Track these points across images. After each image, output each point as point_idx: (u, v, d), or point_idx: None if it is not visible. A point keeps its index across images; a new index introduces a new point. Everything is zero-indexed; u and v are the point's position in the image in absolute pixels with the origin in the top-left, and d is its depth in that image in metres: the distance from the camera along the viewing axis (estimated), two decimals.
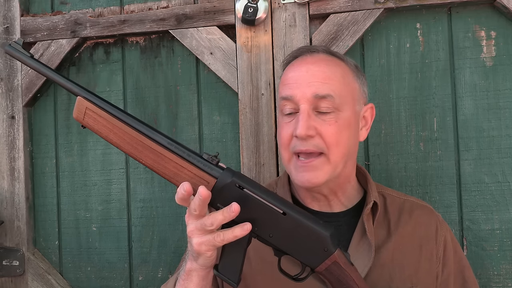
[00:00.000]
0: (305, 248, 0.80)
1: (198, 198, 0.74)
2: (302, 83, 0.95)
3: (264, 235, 0.79)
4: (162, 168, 0.80)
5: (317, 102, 0.93)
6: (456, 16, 1.32)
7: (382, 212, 1.03)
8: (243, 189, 0.78)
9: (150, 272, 1.45)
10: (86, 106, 0.82)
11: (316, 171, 0.93)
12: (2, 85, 1.48)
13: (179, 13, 1.39)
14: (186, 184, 0.75)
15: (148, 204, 1.46)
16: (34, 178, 1.52)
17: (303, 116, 0.92)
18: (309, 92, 0.93)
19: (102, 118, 0.82)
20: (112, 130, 0.81)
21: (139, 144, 0.80)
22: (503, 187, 1.28)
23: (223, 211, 0.75)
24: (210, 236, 0.77)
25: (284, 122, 0.97)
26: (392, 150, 1.33)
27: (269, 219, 0.78)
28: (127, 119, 0.81)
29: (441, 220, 1.07)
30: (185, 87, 1.45)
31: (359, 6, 1.29)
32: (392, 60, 1.34)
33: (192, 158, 0.79)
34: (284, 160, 0.98)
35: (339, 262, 0.81)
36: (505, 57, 1.29)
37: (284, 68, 1.05)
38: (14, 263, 1.45)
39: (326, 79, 0.95)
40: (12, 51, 0.88)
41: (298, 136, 0.92)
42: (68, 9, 1.50)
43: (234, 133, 1.41)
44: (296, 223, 0.79)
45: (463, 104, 1.31)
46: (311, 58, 1.00)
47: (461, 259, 1.06)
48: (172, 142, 0.80)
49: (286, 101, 0.96)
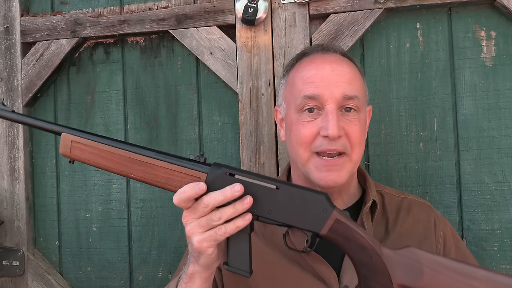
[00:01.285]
0: (305, 215, 0.81)
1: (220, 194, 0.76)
2: (330, 82, 0.93)
3: (264, 213, 0.81)
4: (153, 177, 0.84)
5: (344, 102, 0.93)
6: (456, 16, 1.32)
7: (381, 210, 1.03)
8: (234, 175, 0.81)
9: (150, 272, 1.45)
10: (71, 139, 0.87)
11: (340, 171, 0.93)
12: (2, 85, 1.48)
13: (179, 13, 1.39)
14: (202, 184, 0.78)
15: (148, 204, 1.46)
16: (34, 178, 1.52)
17: (333, 116, 0.91)
18: (338, 92, 0.92)
19: (88, 146, 0.86)
20: (99, 154, 0.86)
21: (128, 160, 0.85)
22: (503, 187, 1.28)
23: (234, 204, 0.77)
24: (212, 231, 0.77)
25: (305, 121, 0.95)
26: (392, 150, 1.33)
27: (265, 197, 0.81)
28: (111, 142, 0.86)
29: (440, 216, 1.07)
30: (185, 87, 1.45)
31: (359, 6, 1.29)
32: (392, 60, 1.34)
33: (180, 161, 0.83)
34: (302, 159, 0.96)
35: (340, 219, 0.81)
36: (505, 57, 1.29)
37: (294, 65, 1.03)
38: (14, 263, 1.45)
39: (351, 79, 0.95)
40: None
41: (329, 136, 0.90)
42: (68, 9, 1.50)
43: (234, 133, 1.41)
44: (291, 194, 0.81)
45: (463, 104, 1.31)
46: (331, 57, 0.99)
47: (464, 254, 1.06)
48: (158, 153, 0.84)
49: (310, 99, 0.94)
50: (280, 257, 0.98)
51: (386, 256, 0.81)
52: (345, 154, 0.93)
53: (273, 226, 0.83)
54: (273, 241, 1.00)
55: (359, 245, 0.81)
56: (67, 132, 0.87)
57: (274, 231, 1.00)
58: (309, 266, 0.96)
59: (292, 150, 0.99)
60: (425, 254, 0.81)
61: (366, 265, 0.81)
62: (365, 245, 0.81)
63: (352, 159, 0.94)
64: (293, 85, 0.99)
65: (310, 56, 1.01)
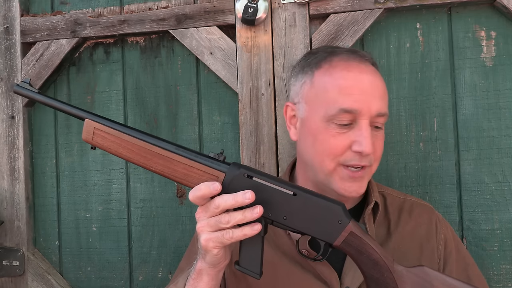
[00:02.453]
0: (320, 224, 0.81)
1: (231, 198, 0.76)
2: (368, 96, 0.91)
3: (278, 219, 0.81)
4: (172, 172, 0.84)
5: (376, 119, 0.93)
6: (456, 16, 1.32)
7: (382, 211, 1.03)
8: (252, 178, 0.80)
9: (150, 272, 1.45)
10: (94, 127, 0.87)
11: (362, 182, 0.94)
12: (2, 85, 1.48)
13: (179, 13, 1.39)
14: (217, 184, 0.78)
15: (148, 204, 1.46)
16: (34, 178, 1.52)
17: (368, 133, 0.90)
18: (374, 109, 0.91)
19: (110, 134, 0.86)
20: (120, 144, 0.86)
21: (148, 152, 0.84)
22: (503, 187, 1.28)
23: (244, 211, 0.76)
24: (219, 233, 0.77)
25: (336, 131, 0.92)
26: (392, 150, 1.33)
27: (281, 202, 0.81)
28: (133, 132, 0.86)
29: (441, 219, 1.07)
30: (185, 87, 1.45)
31: (359, 6, 1.29)
32: (392, 60, 1.34)
33: (199, 158, 0.83)
34: (326, 169, 0.93)
35: (355, 232, 0.81)
36: (505, 57, 1.29)
37: (320, 64, 0.97)
38: (14, 263, 1.45)
39: (384, 95, 0.95)
40: (21, 90, 0.93)
41: (363, 153, 0.89)
42: (68, 9, 1.50)
43: (234, 133, 1.41)
44: (307, 201, 0.81)
45: (463, 104, 1.31)
46: (367, 68, 0.95)
47: (464, 257, 1.05)
48: (179, 147, 0.84)
49: (347, 113, 0.90)
50: (281, 258, 0.98)
51: (397, 273, 0.80)
52: (368, 167, 0.94)
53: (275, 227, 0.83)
54: (275, 241, 1.00)
55: (371, 260, 0.81)
56: (90, 118, 0.87)
57: (276, 232, 1.00)
58: (311, 267, 0.96)
59: (314, 157, 0.95)
60: (437, 275, 0.81)
61: (377, 280, 0.81)
62: (377, 260, 0.80)
63: (372, 170, 0.96)
64: (325, 91, 0.94)
65: (344, 61, 0.95)
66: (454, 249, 1.04)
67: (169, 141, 0.85)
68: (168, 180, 1.44)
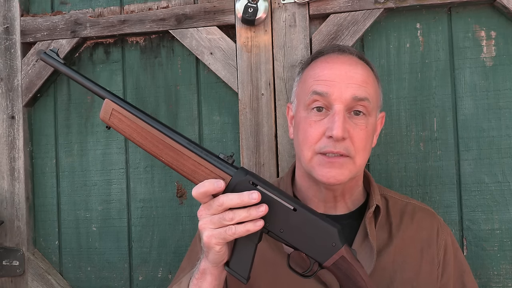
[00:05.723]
0: (314, 243, 0.82)
1: (236, 197, 0.77)
2: (340, 82, 0.93)
3: (275, 230, 0.82)
4: (181, 166, 0.85)
5: (353, 104, 0.93)
6: (456, 16, 1.32)
7: (384, 214, 1.03)
8: (256, 186, 0.81)
9: (150, 272, 1.45)
10: (113, 108, 0.88)
11: (342, 169, 0.92)
12: (2, 85, 1.48)
13: (179, 13, 1.39)
14: (221, 182, 0.79)
15: (148, 204, 1.46)
16: (34, 178, 1.52)
17: (340, 117, 0.91)
18: (347, 93, 0.92)
19: (126, 118, 0.87)
20: (135, 129, 0.87)
21: (161, 142, 0.85)
22: (503, 187, 1.28)
23: (249, 209, 0.77)
24: (222, 229, 0.78)
25: (312, 120, 0.94)
26: (392, 150, 1.33)
27: (280, 215, 0.82)
28: (149, 120, 0.87)
29: (443, 224, 1.07)
30: (185, 87, 1.45)
31: (359, 6, 1.29)
32: (392, 60, 1.34)
33: (209, 157, 0.84)
34: (305, 158, 0.95)
35: (346, 257, 0.82)
36: (505, 57, 1.29)
37: (309, 63, 1.03)
38: (14, 263, 1.45)
39: (363, 82, 0.94)
40: (47, 58, 0.95)
41: (333, 137, 0.90)
42: (68, 9, 1.50)
43: (234, 133, 1.41)
44: (306, 219, 0.82)
45: (463, 104, 1.31)
46: (345, 58, 0.98)
47: (461, 263, 1.06)
48: (191, 142, 0.85)
49: (319, 96, 0.93)
50: (282, 260, 0.97)
51: None
52: (348, 157, 0.92)
53: None
54: (276, 244, 0.99)
55: (357, 287, 0.83)
56: (110, 99, 0.88)
57: None
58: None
59: (297, 148, 0.99)
60: None
61: None
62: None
63: (356, 163, 0.93)
64: (305, 82, 0.99)
65: (326, 56, 1.00)
66: (453, 255, 1.04)
67: (183, 135, 0.86)
68: (168, 180, 1.44)
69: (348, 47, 1.04)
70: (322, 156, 0.92)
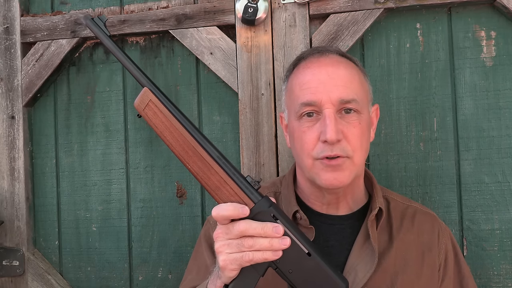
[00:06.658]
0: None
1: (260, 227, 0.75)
2: (325, 87, 0.92)
3: (284, 269, 0.80)
4: (206, 178, 0.81)
5: (342, 105, 0.92)
6: (456, 16, 1.32)
7: (386, 216, 1.02)
8: (276, 219, 0.78)
9: (150, 272, 1.45)
10: (150, 99, 0.85)
11: (344, 171, 0.92)
12: (2, 85, 1.48)
13: (179, 13, 1.39)
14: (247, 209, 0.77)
15: (148, 204, 1.46)
16: (34, 178, 1.52)
17: (331, 120, 0.90)
18: (334, 96, 0.91)
19: (162, 114, 0.84)
20: (168, 128, 0.83)
21: (191, 149, 0.82)
22: (503, 187, 1.28)
23: (271, 239, 0.75)
24: (238, 255, 0.76)
25: (305, 127, 0.94)
26: (392, 150, 1.33)
27: (294, 255, 0.79)
28: (185, 123, 0.83)
29: (443, 227, 1.07)
30: (185, 87, 1.45)
31: (359, 6, 1.29)
32: (392, 60, 1.34)
33: (237, 178, 0.80)
34: (307, 167, 0.94)
35: None
36: (505, 57, 1.29)
37: (292, 70, 1.02)
38: (14, 263, 1.45)
39: (348, 82, 0.94)
40: (92, 26, 0.90)
41: (328, 141, 0.89)
42: (68, 9, 1.50)
43: (234, 133, 1.41)
44: (318, 266, 0.80)
45: (463, 104, 1.31)
46: (327, 60, 0.97)
47: (461, 267, 1.05)
48: (221, 157, 0.82)
49: (308, 106, 0.93)
50: None
51: None
52: (347, 157, 0.92)
53: None
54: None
55: None
56: (150, 89, 0.85)
57: None
58: None
59: (297, 158, 0.99)
60: None
61: None
62: None
63: (355, 161, 0.93)
64: (292, 92, 0.99)
65: (306, 60, 0.99)
66: (453, 260, 1.04)
67: (216, 148, 0.82)
68: (168, 180, 1.44)
69: (327, 46, 1.04)
70: (322, 160, 0.92)
